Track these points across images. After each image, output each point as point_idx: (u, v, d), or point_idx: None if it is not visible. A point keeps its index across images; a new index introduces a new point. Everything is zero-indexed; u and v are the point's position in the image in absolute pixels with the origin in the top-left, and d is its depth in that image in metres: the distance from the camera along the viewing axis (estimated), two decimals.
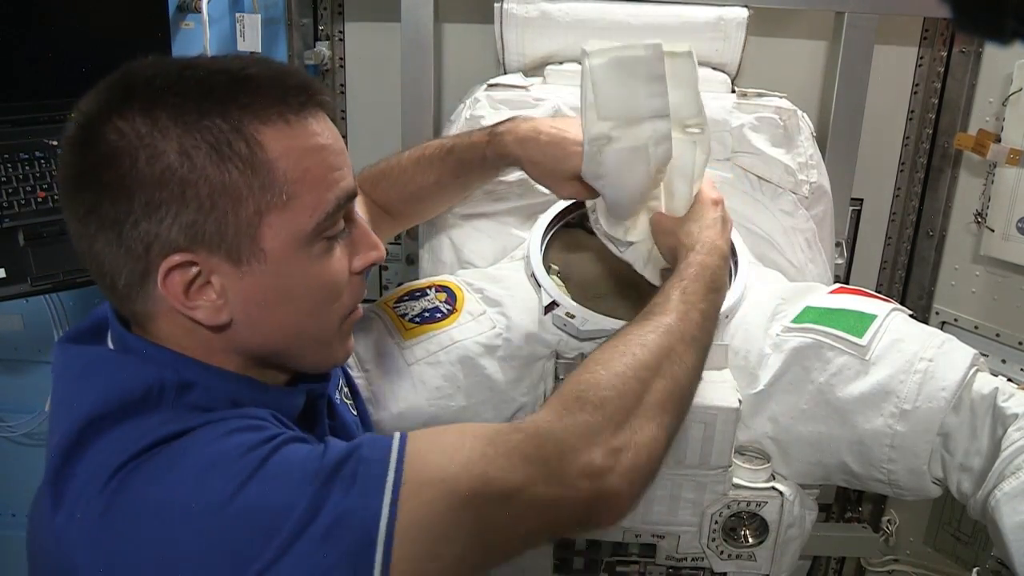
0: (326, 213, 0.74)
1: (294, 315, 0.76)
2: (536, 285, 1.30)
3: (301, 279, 0.75)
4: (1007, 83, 1.65)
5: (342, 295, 0.79)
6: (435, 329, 1.25)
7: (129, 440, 0.67)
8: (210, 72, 0.71)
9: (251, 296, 0.73)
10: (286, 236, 0.72)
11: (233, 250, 0.71)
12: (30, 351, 1.70)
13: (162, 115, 0.68)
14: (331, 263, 0.77)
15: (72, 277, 1.27)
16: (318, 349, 0.81)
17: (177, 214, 0.69)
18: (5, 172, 1.30)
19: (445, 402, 1.22)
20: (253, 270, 0.72)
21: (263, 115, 0.70)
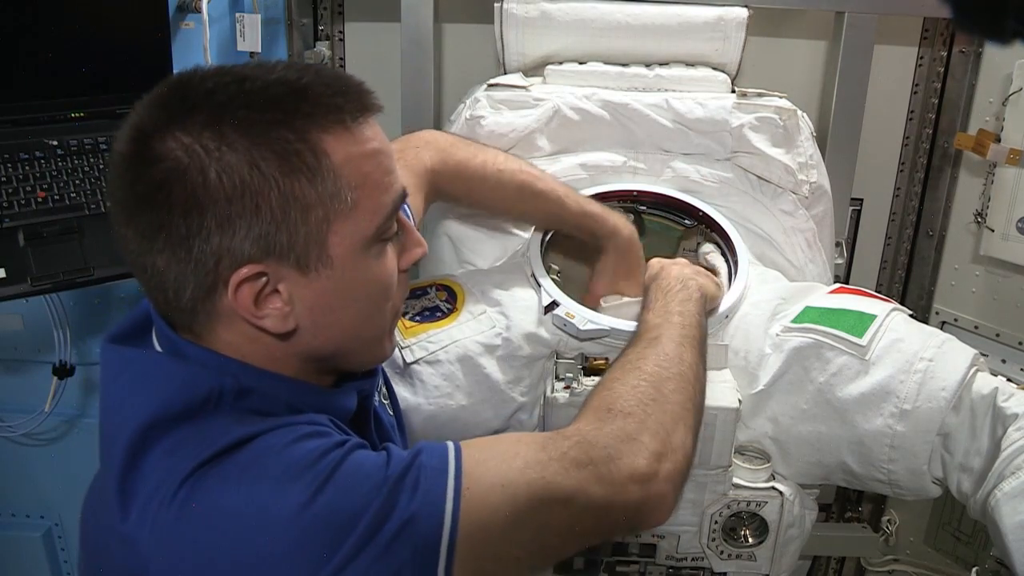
0: (385, 216, 0.75)
1: (355, 316, 0.78)
2: (536, 285, 1.30)
3: (363, 282, 0.76)
4: (1007, 83, 1.65)
5: (394, 293, 0.81)
6: (435, 328, 1.25)
7: (195, 444, 0.68)
8: (268, 83, 0.71)
9: (317, 302, 0.74)
10: (351, 241, 0.73)
11: (302, 258, 0.72)
12: (30, 351, 1.70)
13: (228, 129, 0.68)
14: (385, 263, 0.78)
15: (72, 277, 1.27)
16: (371, 347, 0.83)
17: (250, 227, 0.69)
18: (5, 172, 1.30)
19: (444, 401, 1.22)
20: (320, 276, 0.73)
21: (324, 123, 0.71)
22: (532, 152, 1.47)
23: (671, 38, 1.59)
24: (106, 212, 1.34)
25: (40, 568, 1.85)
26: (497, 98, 1.49)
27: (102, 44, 1.42)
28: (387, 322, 0.83)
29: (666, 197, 1.47)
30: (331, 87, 0.73)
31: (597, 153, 1.49)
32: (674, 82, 1.55)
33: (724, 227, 1.43)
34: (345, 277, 0.74)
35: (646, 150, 1.50)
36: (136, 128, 0.71)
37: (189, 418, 0.70)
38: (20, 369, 1.73)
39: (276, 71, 0.73)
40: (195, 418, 0.70)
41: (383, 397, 1.00)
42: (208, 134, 0.68)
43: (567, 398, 1.19)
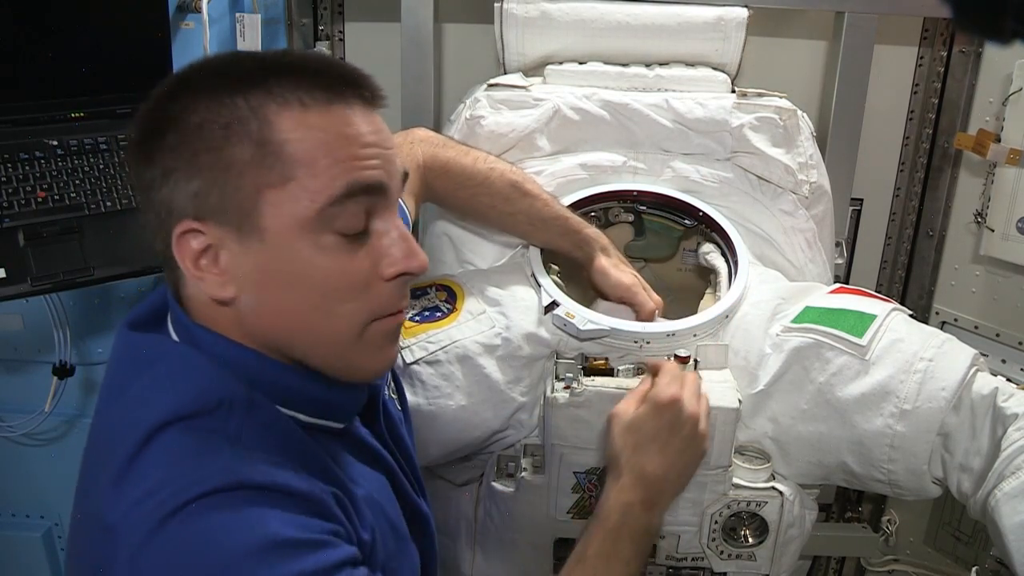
0: (330, 198, 0.72)
1: (297, 304, 0.75)
2: (536, 285, 1.30)
3: (304, 268, 0.73)
4: (1007, 83, 1.65)
5: (361, 298, 0.76)
6: (435, 328, 1.25)
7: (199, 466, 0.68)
8: (255, 59, 0.76)
9: (252, 274, 0.74)
10: (287, 218, 0.72)
11: (236, 224, 0.73)
12: (30, 351, 1.70)
13: (201, 94, 0.73)
14: (346, 260, 0.74)
15: (72, 277, 1.27)
16: (334, 352, 0.78)
17: (187, 182, 0.72)
18: (5, 172, 1.30)
19: (444, 401, 1.22)
20: (255, 248, 0.73)
21: (284, 99, 0.72)
22: (532, 152, 1.48)
23: (671, 38, 1.59)
24: (106, 212, 1.34)
25: (40, 568, 1.85)
26: (497, 98, 1.49)
27: (102, 44, 1.42)
28: (353, 327, 0.76)
29: (666, 197, 1.47)
30: (312, 69, 0.74)
31: (597, 153, 1.49)
32: (674, 82, 1.55)
33: (724, 227, 1.43)
34: (281, 256, 0.73)
35: (646, 150, 1.50)
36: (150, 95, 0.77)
37: (199, 420, 0.71)
38: (20, 369, 1.73)
39: (287, 53, 0.77)
40: (205, 422, 0.71)
41: (392, 392, 1.00)
42: (184, 98, 0.73)
43: (567, 398, 1.19)
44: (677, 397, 0.99)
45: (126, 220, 1.35)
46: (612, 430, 1.00)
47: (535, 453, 1.27)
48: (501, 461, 1.29)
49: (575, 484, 1.24)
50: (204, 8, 1.53)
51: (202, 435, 0.70)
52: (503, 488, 1.26)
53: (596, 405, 1.19)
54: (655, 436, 0.98)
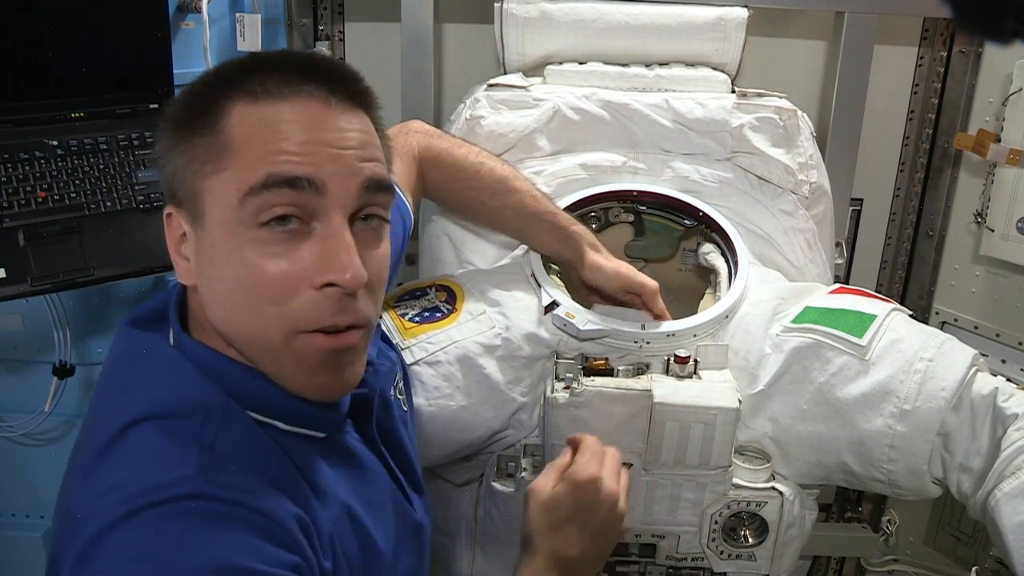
0: (250, 186, 0.70)
1: (226, 298, 0.74)
2: (536, 285, 1.30)
3: (230, 260, 0.72)
4: (1007, 83, 1.65)
5: (286, 302, 0.71)
6: (435, 328, 1.25)
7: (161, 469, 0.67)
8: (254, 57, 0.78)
9: (199, 264, 0.76)
10: (220, 205, 0.72)
11: (192, 211, 0.75)
12: (30, 351, 1.70)
13: (193, 88, 0.77)
14: (273, 257, 0.71)
15: (72, 277, 1.27)
16: (266, 360, 0.74)
17: (164, 167, 0.77)
18: (5, 172, 1.30)
19: (444, 402, 1.22)
20: (200, 236, 0.75)
21: (241, 89, 0.74)
22: (532, 152, 1.48)
23: (671, 38, 1.59)
24: (106, 212, 1.34)
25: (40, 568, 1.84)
26: (497, 98, 1.49)
27: (102, 44, 1.42)
28: (275, 334, 0.72)
29: (666, 197, 1.47)
30: (277, 63, 0.76)
31: (597, 153, 1.49)
32: (674, 82, 1.55)
33: (724, 227, 1.43)
34: (216, 246, 0.73)
35: (646, 150, 1.50)
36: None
37: (175, 422, 0.71)
38: (20, 369, 1.73)
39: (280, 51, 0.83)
40: (181, 424, 0.71)
41: (399, 392, 0.99)
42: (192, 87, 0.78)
43: (567, 398, 1.19)
44: (596, 476, 0.92)
45: (126, 220, 1.35)
46: (529, 507, 0.94)
47: (535, 453, 1.27)
48: (501, 461, 1.29)
49: None
50: (204, 8, 1.53)
51: (176, 437, 0.70)
52: (503, 488, 1.26)
53: (596, 405, 1.19)
54: (572, 516, 0.91)
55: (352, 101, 0.77)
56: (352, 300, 0.73)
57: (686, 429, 1.18)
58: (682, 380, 1.22)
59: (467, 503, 1.33)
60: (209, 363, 0.75)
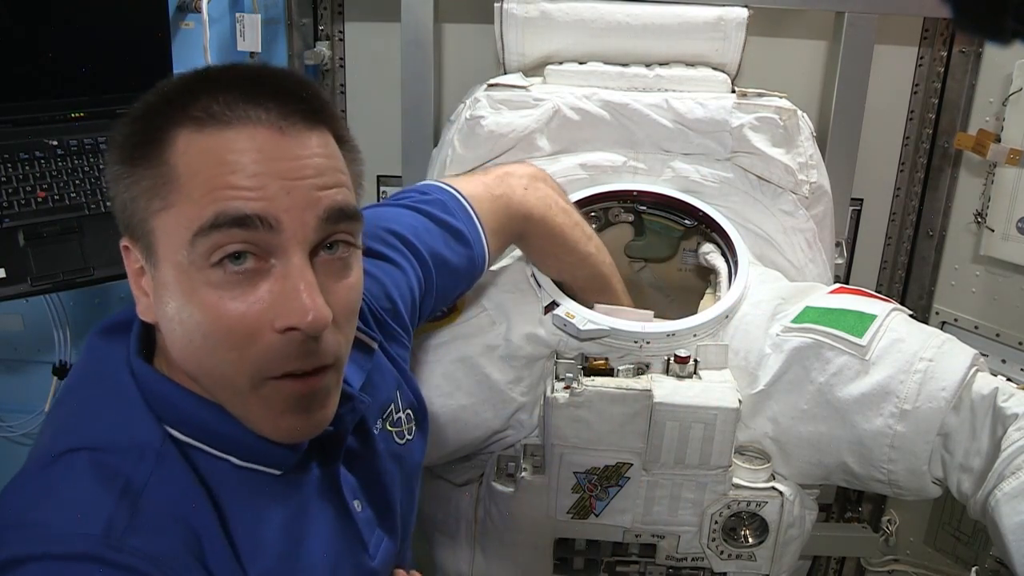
0: (199, 226, 0.66)
1: (187, 342, 0.69)
2: (536, 285, 1.30)
3: (186, 302, 0.68)
4: (1007, 83, 1.65)
5: (247, 346, 0.67)
6: (435, 328, 1.25)
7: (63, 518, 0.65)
8: (196, 74, 0.72)
9: (156, 301, 0.71)
10: (171, 245, 0.68)
11: (142, 244, 0.71)
12: (30, 351, 1.70)
13: (140, 110, 0.72)
14: (226, 301, 0.67)
15: (72, 277, 1.27)
16: (232, 401, 0.71)
17: (113, 197, 0.72)
18: (5, 172, 1.30)
19: (444, 401, 1.22)
20: (155, 275, 0.70)
21: (187, 118, 0.68)
22: (532, 152, 1.48)
23: (671, 38, 1.59)
24: (106, 212, 1.34)
25: None
26: (497, 98, 1.49)
27: (102, 44, 1.42)
28: (240, 377, 0.68)
29: (666, 197, 1.47)
30: (224, 82, 0.69)
31: (597, 153, 1.49)
32: (674, 82, 1.55)
33: (724, 227, 1.43)
34: (170, 287, 0.68)
35: (646, 150, 1.50)
36: None
37: (108, 456, 0.69)
38: (20, 369, 1.73)
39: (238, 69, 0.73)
40: (113, 460, 0.68)
41: (390, 425, 0.93)
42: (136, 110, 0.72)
43: (567, 398, 1.19)
44: None
45: None
46: None
47: (535, 453, 1.27)
48: (501, 461, 1.29)
49: (575, 484, 1.24)
50: (204, 8, 1.53)
51: (104, 473, 0.67)
52: (503, 488, 1.26)
53: (596, 405, 1.19)
54: None
55: (309, 120, 0.70)
56: (316, 342, 0.69)
57: (686, 429, 1.18)
58: (682, 380, 1.22)
59: (467, 503, 1.33)
60: (164, 394, 0.72)
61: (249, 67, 0.75)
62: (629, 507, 1.25)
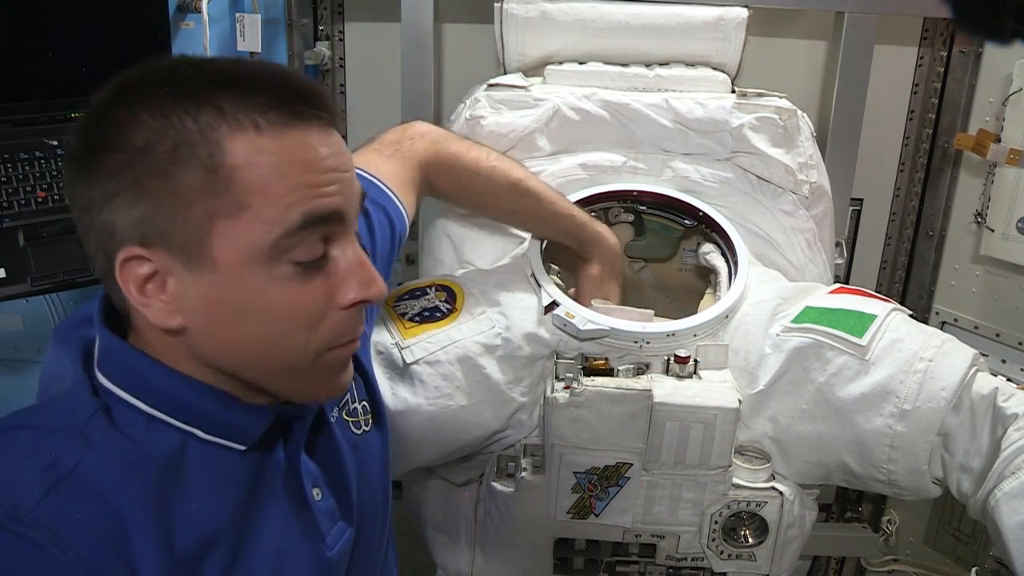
0: (287, 230, 0.68)
1: (252, 335, 0.72)
2: (536, 285, 1.30)
3: (258, 299, 0.70)
4: (1007, 83, 1.65)
5: (317, 327, 0.73)
6: (435, 328, 1.25)
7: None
8: (201, 71, 0.70)
9: (202, 305, 0.70)
10: (240, 248, 0.68)
11: (184, 253, 0.69)
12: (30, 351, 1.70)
13: (142, 111, 0.68)
14: (301, 290, 0.71)
15: (72, 277, 1.27)
16: (290, 381, 0.76)
17: (131, 207, 0.68)
18: (5, 172, 1.30)
19: (444, 401, 1.22)
20: (206, 279, 0.69)
21: (236, 121, 0.68)
22: (532, 152, 1.47)
23: (671, 38, 1.59)
24: None
25: None
26: (497, 98, 1.49)
27: (102, 44, 1.42)
28: (306, 357, 0.74)
29: (666, 197, 1.47)
30: (264, 86, 0.69)
31: (597, 153, 1.49)
32: (674, 82, 1.55)
33: (724, 227, 1.43)
34: (234, 288, 0.69)
35: (646, 150, 1.50)
36: (91, 103, 0.72)
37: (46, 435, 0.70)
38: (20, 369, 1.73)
39: (226, 63, 0.72)
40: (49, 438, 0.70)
41: (347, 415, 0.94)
42: (126, 113, 0.68)
43: (567, 398, 1.19)
44: None
45: None
46: None
47: (535, 453, 1.27)
48: (501, 461, 1.29)
49: (575, 484, 1.24)
50: (204, 8, 1.53)
51: (33, 452, 0.68)
52: (503, 488, 1.26)
53: (596, 405, 1.19)
54: None
55: (333, 119, 0.74)
56: (364, 310, 0.77)
57: (686, 429, 1.18)
58: (682, 380, 1.22)
59: (467, 503, 1.33)
60: (135, 365, 0.73)
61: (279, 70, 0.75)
62: (629, 507, 1.25)
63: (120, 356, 0.74)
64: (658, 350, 1.26)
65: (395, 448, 1.21)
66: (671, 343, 1.25)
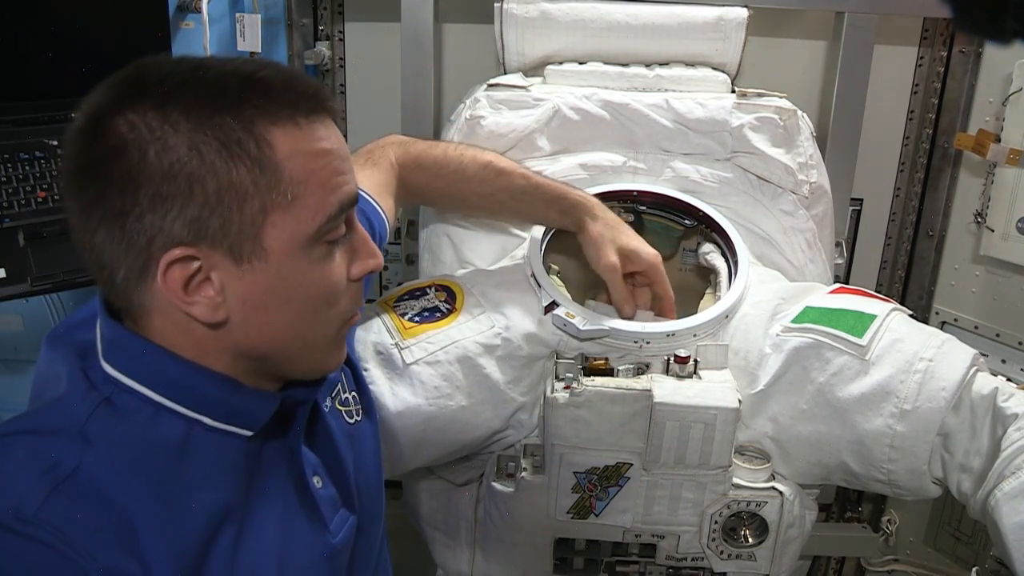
0: (328, 216, 0.74)
1: (291, 318, 0.76)
2: (536, 285, 1.30)
3: (300, 282, 0.75)
4: (1007, 83, 1.65)
5: (340, 301, 0.80)
6: (434, 328, 1.25)
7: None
8: (222, 72, 0.72)
9: (250, 295, 0.73)
10: (289, 237, 0.73)
11: (236, 247, 0.71)
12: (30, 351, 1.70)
13: (174, 111, 0.69)
14: (331, 268, 0.77)
15: (72, 277, 1.27)
16: (312, 355, 0.81)
17: (183, 208, 0.69)
18: (5, 172, 1.30)
19: (444, 402, 1.22)
20: (254, 269, 0.72)
21: (274, 116, 0.72)
22: (532, 152, 1.48)
23: (671, 38, 1.59)
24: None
25: None
26: (497, 98, 1.49)
27: (102, 44, 1.42)
28: (332, 330, 0.81)
29: (666, 197, 1.47)
30: (287, 83, 0.74)
31: (597, 153, 1.49)
32: (674, 82, 1.55)
33: (724, 227, 1.43)
34: (281, 274, 0.74)
35: (646, 150, 1.50)
36: (91, 106, 0.72)
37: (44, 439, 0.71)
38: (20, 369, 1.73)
39: (234, 63, 0.74)
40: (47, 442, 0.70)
41: (340, 404, 0.96)
42: (153, 114, 0.69)
43: (567, 398, 1.19)
44: None
45: None
46: None
47: (535, 453, 1.27)
48: (501, 461, 1.29)
49: (575, 484, 1.24)
50: (204, 8, 1.53)
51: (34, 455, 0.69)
52: (503, 488, 1.26)
53: (596, 405, 1.19)
54: None
55: (334, 111, 0.79)
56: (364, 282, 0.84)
57: (686, 429, 1.18)
58: (682, 380, 1.22)
59: (467, 503, 1.33)
60: (142, 354, 0.74)
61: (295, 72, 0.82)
62: (629, 507, 1.25)
63: (128, 344, 0.75)
64: (658, 350, 1.26)
65: (395, 448, 1.22)
66: (671, 343, 1.25)
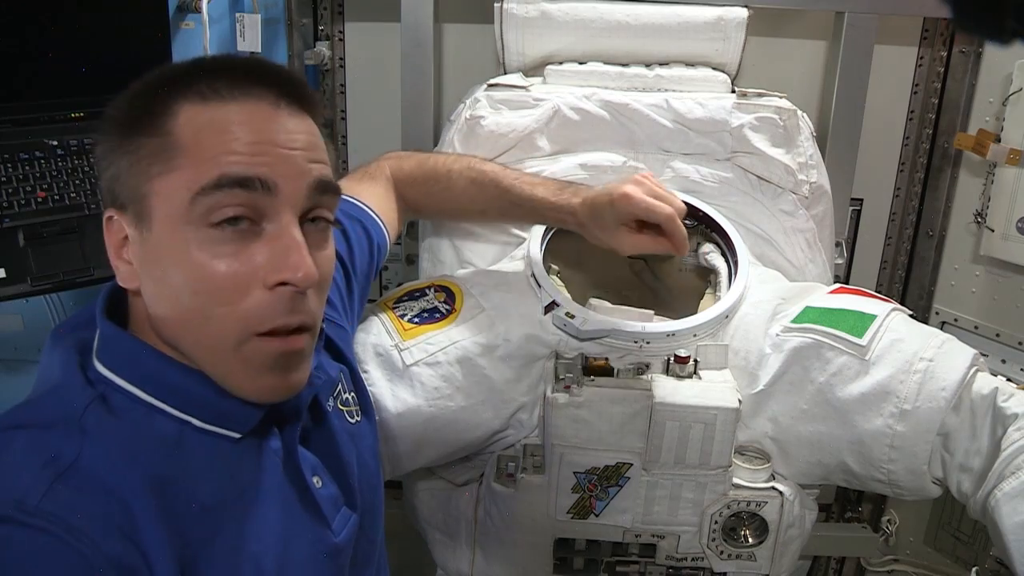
0: (201, 186, 0.71)
1: (176, 302, 0.74)
2: (536, 285, 1.30)
3: (179, 261, 0.72)
4: (1007, 83, 1.65)
5: (236, 302, 0.72)
6: (434, 329, 1.25)
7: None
8: (200, 60, 0.79)
9: (144, 263, 0.75)
10: (168, 206, 0.73)
11: (136, 211, 0.75)
12: (30, 351, 1.70)
13: (138, 90, 0.77)
14: (220, 258, 0.72)
15: (72, 277, 1.27)
16: (213, 361, 0.75)
17: (105, 169, 0.76)
18: (5, 172, 1.30)
19: (444, 402, 1.22)
20: (146, 237, 0.74)
21: (188, 90, 0.75)
22: (532, 152, 1.48)
23: (671, 38, 1.59)
24: None
25: None
26: (497, 98, 1.49)
27: (102, 44, 1.41)
28: (226, 337, 0.73)
29: None
30: (223, 65, 0.77)
31: (597, 153, 1.49)
32: (674, 82, 1.55)
33: (724, 227, 1.43)
34: (162, 246, 0.73)
35: (646, 150, 1.50)
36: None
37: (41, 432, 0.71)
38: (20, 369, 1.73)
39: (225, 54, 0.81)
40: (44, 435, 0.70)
41: (341, 404, 0.95)
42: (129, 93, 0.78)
43: (567, 398, 1.19)
44: None
45: None
46: None
47: (535, 453, 1.27)
48: (501, 461, 1.29)
49: (575, 484, 1.24)
50: (204, 8, 1.53)
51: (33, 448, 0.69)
52: (503, 488, 1.26)
53: (596, 405, 1.19)
54: None
55: (299, 105, 0.78)
56: (303, 299, 0.75)
57: (686, 429, 1.18)
58: (682, 380, 1.22)
59: (467, 503, 1.33)
60: (133, 352, 0.76)
61: (247, 57, 0.82)
62: (629, 507, 1.25)
63: (119, 344, 0.76)
64: (658, 350, 1.26)
65: (395, 449, 1.22)
66: (671, 343, 1.25)
